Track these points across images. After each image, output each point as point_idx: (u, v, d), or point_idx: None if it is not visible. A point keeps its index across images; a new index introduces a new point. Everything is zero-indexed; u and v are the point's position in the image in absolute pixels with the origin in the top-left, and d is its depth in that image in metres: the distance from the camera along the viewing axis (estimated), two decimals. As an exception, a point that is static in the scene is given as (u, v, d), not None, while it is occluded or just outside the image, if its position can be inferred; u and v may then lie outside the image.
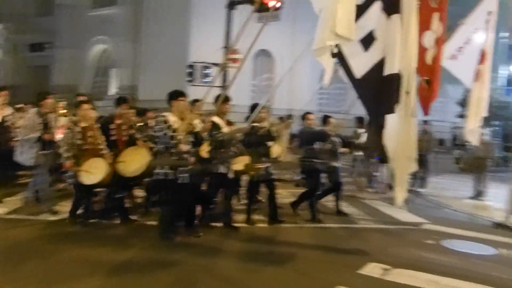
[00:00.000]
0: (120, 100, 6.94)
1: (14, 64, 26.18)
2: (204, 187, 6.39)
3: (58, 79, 23.40)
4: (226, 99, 6.39)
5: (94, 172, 5.94)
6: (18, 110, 8.72)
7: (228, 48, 15.09)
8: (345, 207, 8.24)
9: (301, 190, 7.80)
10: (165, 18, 18.88)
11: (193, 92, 16.47)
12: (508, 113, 20.67)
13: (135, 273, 4.59)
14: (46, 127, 6.89)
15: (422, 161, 9.07)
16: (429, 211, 8.60)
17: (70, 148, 6.08)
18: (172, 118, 5.40)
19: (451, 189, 10.28)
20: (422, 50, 5.98)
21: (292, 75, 21.15)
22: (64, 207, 6.78)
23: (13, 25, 25.87)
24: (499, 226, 7.61)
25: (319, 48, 4.79)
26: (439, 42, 6.29)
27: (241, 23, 16.83)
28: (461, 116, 16.77)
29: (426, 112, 6.59)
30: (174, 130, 5.29)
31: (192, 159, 5.63)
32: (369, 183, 10.52)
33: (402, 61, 5.13)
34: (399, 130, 5.23)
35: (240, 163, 6.35)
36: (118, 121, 6.70)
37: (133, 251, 5.28)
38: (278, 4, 13.86)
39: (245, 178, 6.97)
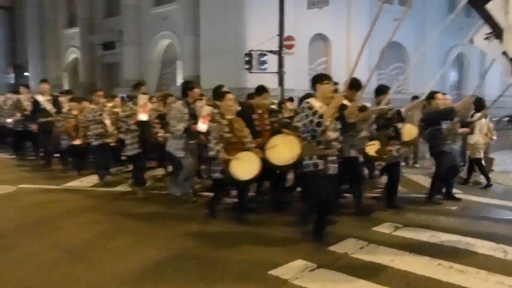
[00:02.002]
0: (261, 89, 6.67)
1: (90, 62, 28.47)
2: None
3: (127, 74, 25.20)
4: (356, 85, 5.88)
5: (247, 166, 5.58)
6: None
7: (282, 36, 15.74)
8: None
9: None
10: (221, 10, 19.75)
11: (251, 79, 17.55)
12: None
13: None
14: (193, 117, 6.75)
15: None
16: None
17: (219, 141, 5.84)
18: (317, 104, 4.80)
19: (502, 164, 10.29)
20: None
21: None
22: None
23: (87, 27, 28.15)
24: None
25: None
26: None
27: (293, 12, 17.55)
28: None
29: None
30: (321, 116, 4.68)
31: (340, 146, 5.19)
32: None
33: None
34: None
35: (371, 146, 6.10)
36: (259, 111, 6.54)
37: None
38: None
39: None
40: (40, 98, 10.16)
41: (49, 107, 10.06)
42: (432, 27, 24.44)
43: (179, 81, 22.55)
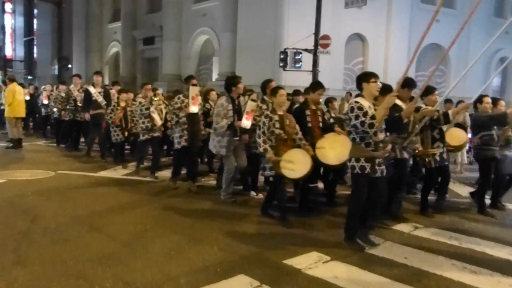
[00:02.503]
0: (317, 85, 6.46)
1: (132, 57, 29.29)
2: None
3: (166, 69, 25.78)
4: (411, 84, 5.77)
5: (297, 165, 5.44)
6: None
7: (318, 35, 15.75)
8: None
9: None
10: (259, 8, 19.91)
11: (285, 77, 17.65)
12: None
13: None
14: (237, 113, 6.56)
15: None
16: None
17: (268, 138, 5.65)
18: (365, 103, 4.63)
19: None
20: None
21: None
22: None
23: (128, 22, 28.97)
24: None
25: None
26: None
27: (331, 10, 17.51)
28: None
29: None
30: (373, 117, 4.50)
31: (388, 148, 5.14)
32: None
33: None
34: None
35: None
36: (313, 107, 6.32)
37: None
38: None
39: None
40: (91, 89, 10.28)
41: (100, 99, 10.18)
42: (477, 29, 23.88)
43: (215, 76, 22.89)
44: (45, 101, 14.01)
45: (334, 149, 5.73)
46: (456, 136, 6.46)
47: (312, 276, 4.04)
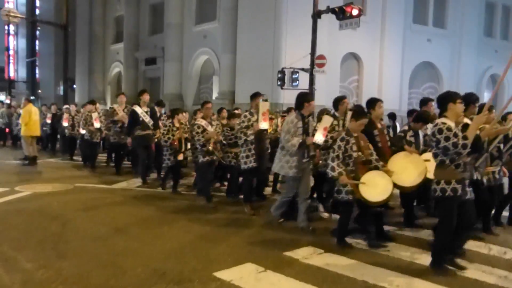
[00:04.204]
0: (374, 101, 6.14)
1: (134, 77, 30.26)
2: None
3: (168, 88, 26.70)
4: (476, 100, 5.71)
5: (378, 188, 5.24)
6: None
7: (314, 54, 16.65)
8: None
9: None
10: (258, 30, 20.90)
11: (283, 95, 18.55)
12: None
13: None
14: (306, 131, 6.20)
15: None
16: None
17: (342, 162, 5.37)
18: (452, 124, 4.52)
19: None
20: None
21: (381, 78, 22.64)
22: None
23: (131, 43, 30.04)
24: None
25: None
26: None
27: (326, 31, 18.43)
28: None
29: None
30: (465, 137, 4.39)
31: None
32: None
33: None
34: None
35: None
36: (380, 126, 6.11)
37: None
38: (356, 12, 15.06)
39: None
40: (138, 109, 9.54)
41: (147, 119, 9.56)
42: (467, 48, 25.05)
43: (215, 95, 23.80)
44: (65, 123, 13.85)
45: (408, 169, 5.47)
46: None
47: (308, 263, 4.81)
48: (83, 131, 12.39)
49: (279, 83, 17.51)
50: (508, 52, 27.01)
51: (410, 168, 5.44)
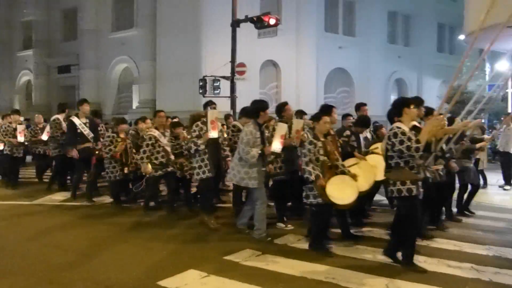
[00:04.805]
0: (328, 108, 6.19)
1: (46, 85, 28.72)
2: None
3: (84, 97, 25.63)
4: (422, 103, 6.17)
5: (346, 192, 5.46)
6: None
7: (234, 62, 17.01)
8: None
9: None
10: (178, 37, 20.90)
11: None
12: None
13: None
14: (263, 142, 6.12)
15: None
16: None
17: (315, 165, 5.46)
18: (406, 128, 4.85)
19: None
20: None
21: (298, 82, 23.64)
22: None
23: (42, 50, 28.51)
24: None
25: None
26: None
27: (245, 39, 18.95)
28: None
29: None
30: (418, 141, 4.69)
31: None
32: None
33: None
34: None
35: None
36: (332, 132, 6.15)
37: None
38: (273, 21, 15.65)
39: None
40: (76, 121, 8.97)
41: (86, 131, 8.94)
42: (374, 54, 26.93)
43: (136, 104, 23.35)
44: None
45: (363, 174, 5.81)
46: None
47: (248, 265, 5.05)
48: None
49: (200, 91, 17.64)
50: (410, 57, 29.80)
51: (363, 173, 5.79)
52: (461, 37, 22.24)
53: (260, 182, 6.08)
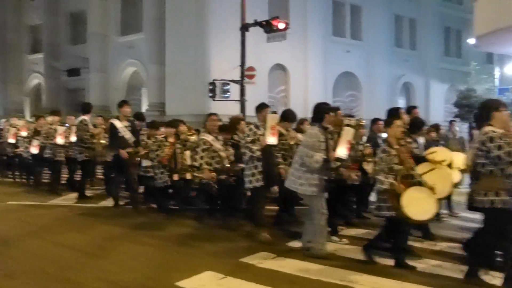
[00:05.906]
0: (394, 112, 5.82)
1: (55, 88, 28.95)
2: None
3: (93, 100, 25.80)
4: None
5: (423, 204, 4.92)
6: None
7: (244, 66, 17.09)
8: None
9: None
10: (186, 41, 20.99)
11: (214, 106, 18.79)
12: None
13: None
14: (327, 146, 5.53)
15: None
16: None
17: (388, 175, 4.98)
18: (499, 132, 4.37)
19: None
20: None
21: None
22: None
23: (51, 53, 28.75)
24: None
25: None
26: None
27: (254, 43, 19.08)
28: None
29: None
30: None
31: None
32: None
33: None
34: None
35: None
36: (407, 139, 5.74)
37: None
38: (282, 26, 15.75)
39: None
40: (117, 124, 8.33)
41: (128, 135, 8.31)
42: (380, 58, 26.98)
43: (145, 107, 23.50)
44: (11, 140, 11.75)
45: (441, 182, 5.33)
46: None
47: (264, 267, 5.10)
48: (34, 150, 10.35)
49: (210, 94, 17.74)
50: (416, 61, 29.85)
51: (439, 181, 5.29)
52: (471, 40, 22.32)
53: (321, 190, 5.56)
